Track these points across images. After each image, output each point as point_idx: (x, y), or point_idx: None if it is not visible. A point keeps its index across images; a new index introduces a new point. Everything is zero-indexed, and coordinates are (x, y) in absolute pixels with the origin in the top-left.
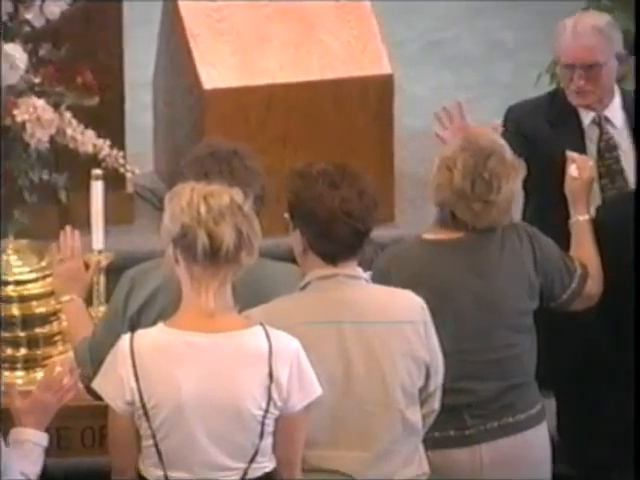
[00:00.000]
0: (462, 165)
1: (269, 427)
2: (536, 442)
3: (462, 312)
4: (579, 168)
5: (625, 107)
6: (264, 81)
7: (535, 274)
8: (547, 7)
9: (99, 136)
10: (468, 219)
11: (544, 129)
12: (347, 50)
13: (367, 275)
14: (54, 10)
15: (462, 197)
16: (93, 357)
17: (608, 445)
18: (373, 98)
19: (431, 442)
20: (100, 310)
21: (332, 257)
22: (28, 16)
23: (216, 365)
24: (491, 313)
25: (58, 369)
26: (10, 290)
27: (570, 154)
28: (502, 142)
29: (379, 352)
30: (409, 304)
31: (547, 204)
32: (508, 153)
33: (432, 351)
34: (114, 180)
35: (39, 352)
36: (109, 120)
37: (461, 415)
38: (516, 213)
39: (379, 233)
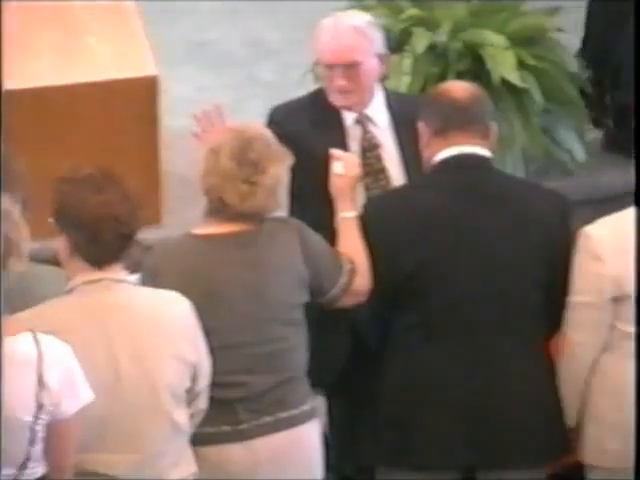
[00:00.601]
0: (228, 148)
1: (40, 433)
2: (309, 438)
3: (233, 306)
4: (345, 165)
5: (389, 106)
6: (29, 84)
7: (304, 268)
8: (310, 6)
9: None
10: (236, 202)
11: (307, 129)
12: (111, 52)
13: (134, 278)
14: None
15: (229, 179)
16: None
17: (373, 444)
18: (138, 100)
19: (205, 438)
20: None
21: (98, 261)
22: None
23: None
24: (262, 306)
25: None
26: None
27: (334, 152)
28: (268, 132)
29: (147, 355)
30: (176, 306)
31: (312, 204)
32: (274, 141)
33: (199, 352)
34: None
35: None
36: None
37: (234, 410)
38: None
39: (146, 235)
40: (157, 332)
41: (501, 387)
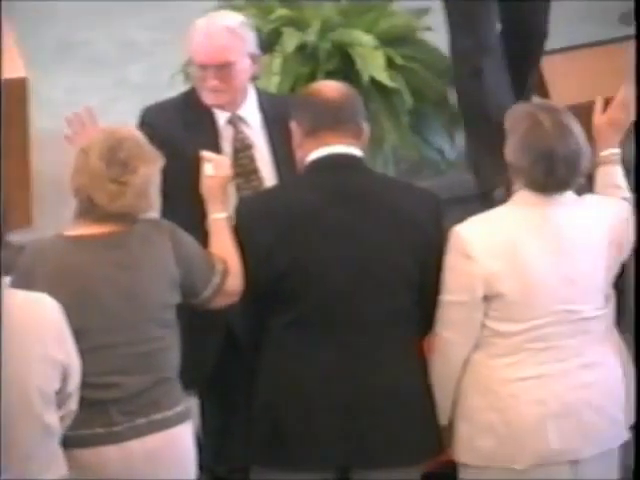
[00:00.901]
0: (98, 148)
1: None
2: (183, 439)
3: (105, 306)
4: (215, 167)
5: (262, 106)
6: None
7: (176, 269)
8: (179, 7)
9: None
10: (105, 202)
11: (179, 130)
12: None
13: (7, 280)
14: None
15: (98, 178)
16: None
17: (247, 445)
18: (8, 102)
19: (80, 440)
20: None
21: None
22: None
23: None
24: (135, 307)
25: None
26: None
27: (205, 154)
28: (139, 133)
29: (16, 357)
30: (44, 307)
31: (184, 205)
32: (145, 142)
33: (68, 353)
34: None
35: None
36: None
37: (108, 411)
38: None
39: (17, 237)
40: (26, 334)
41: (374, 386)
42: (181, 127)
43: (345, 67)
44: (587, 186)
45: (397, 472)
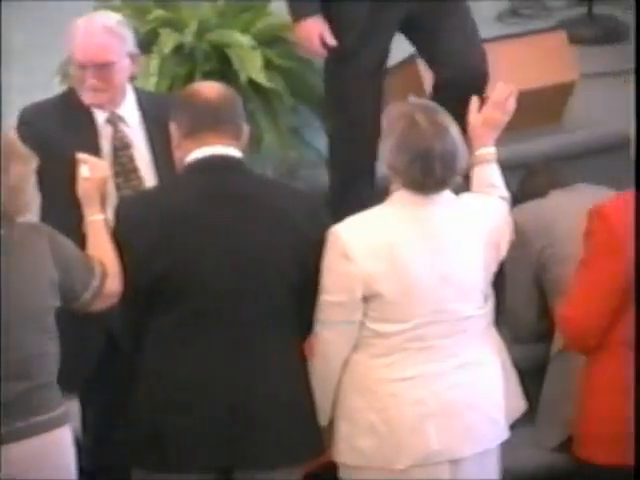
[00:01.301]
0: None
1: None
2: (63, 442)
3: None
4: (91, 169)
5: (141, 105)
6: None
7: (55, 272)
8: (55, 7)
9: None
10: None
11: (57, 131)
12: None
13: None
14: None
15: None
16: None
17: (126, 446)
18: None
19: None
20: None
21: None
22: None
23: None
24: (14, 312)
25: None
26: None
27: (80, 156)
28: (11, 133)
29: None
30: None
31: (63, 206)
32: (17, 141)
33: None
34: None
35: None
36: None
37: None
38: None
39: None
40: None
41: (255, 387)
42: (60, 127)
43: (223, 68)
44: (464, 185)
45: (278, 472)
